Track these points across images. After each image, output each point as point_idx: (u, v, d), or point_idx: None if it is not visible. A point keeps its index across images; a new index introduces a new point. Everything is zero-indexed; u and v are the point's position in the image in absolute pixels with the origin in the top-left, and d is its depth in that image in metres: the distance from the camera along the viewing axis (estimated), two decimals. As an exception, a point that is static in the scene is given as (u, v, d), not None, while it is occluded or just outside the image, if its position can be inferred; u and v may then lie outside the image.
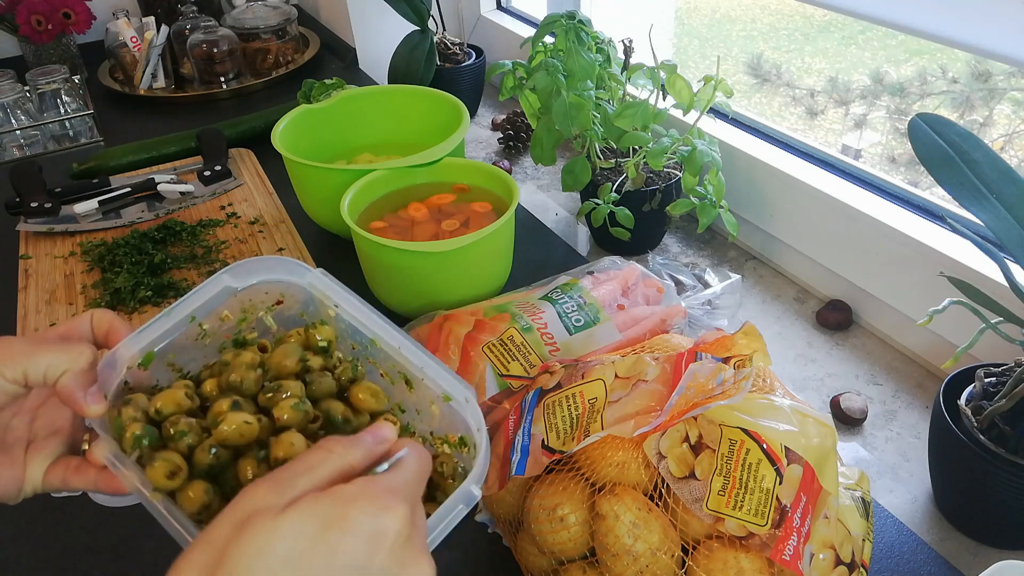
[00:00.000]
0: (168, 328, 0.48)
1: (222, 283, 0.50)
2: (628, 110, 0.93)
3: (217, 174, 1.17)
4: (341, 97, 1.10)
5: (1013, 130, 1.75)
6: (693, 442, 0.55)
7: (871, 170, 0.92)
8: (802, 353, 0.89)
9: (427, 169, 0.96)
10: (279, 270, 0.51)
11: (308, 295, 0.52)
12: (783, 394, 0.60)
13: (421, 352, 0.47)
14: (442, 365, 0.47)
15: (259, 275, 0.51)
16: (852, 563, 0.54)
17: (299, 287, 0.51)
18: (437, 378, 0.46)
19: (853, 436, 0.79)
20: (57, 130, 1.40)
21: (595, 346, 0.75)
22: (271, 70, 1.59)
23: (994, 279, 0.74)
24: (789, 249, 0.98)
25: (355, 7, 1.56)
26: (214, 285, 0.50)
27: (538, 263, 0.99)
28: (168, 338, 0.49)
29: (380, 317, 0.49)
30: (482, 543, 0.67)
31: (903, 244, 0.82)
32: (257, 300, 0.52)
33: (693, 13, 2.39)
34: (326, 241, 1.05)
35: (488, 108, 1.49)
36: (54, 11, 1.51)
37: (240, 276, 0.51)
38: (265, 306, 0.52)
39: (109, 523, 0.70)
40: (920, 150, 0.63)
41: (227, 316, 0.51)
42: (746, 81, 2.07)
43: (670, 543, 0.53)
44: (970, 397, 0.66)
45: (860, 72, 1.99)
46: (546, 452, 0.57)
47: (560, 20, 0.98)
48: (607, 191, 0.96)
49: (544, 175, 1.26)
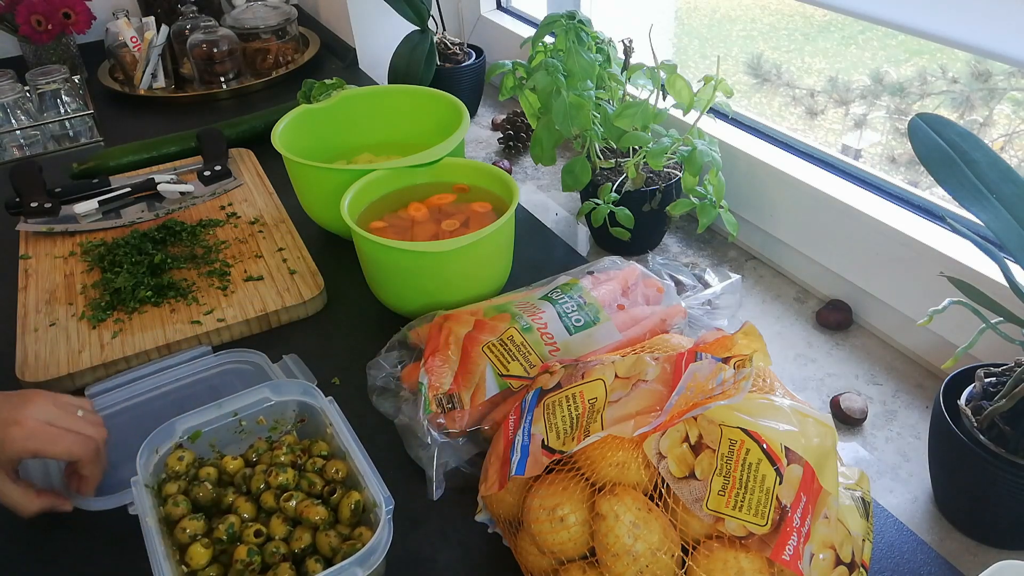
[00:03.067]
0: (215, 416, 0.68)
1: (263, 393, 0.70)
2: (628, 110, 0.93)
3: (217, 174, 1.17)
4: (341, 97, 1.10)
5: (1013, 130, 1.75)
6: (693, 442, 0.55)
7: (871, 170, 0.92)
8: (802, 353, 0.89)
9: (427, 169, 0.97)
10: (300, 393, 0.70)
11: (318, 412, 0.70)
12: (783, 394, 0.60)
13: (366, 462, 0.63)
14: (378, 478, 0.62)
15: (290, 395, 0.70)
16: (852, 563, 0.54)
17: (314, 407, 0.70)
18: (371, 486, 0.61)
19: (853, 436, 0.79)
20: (57, 130, 1.40)
21: (595, 346, 0.75)
22: (271, 70, 1.59)
23: (994, 279, 0.74)
24: (789, 249, 0.98)
25: (355, 7, 1.56)
26: (256, 393, 0.69)
27: (538, 263, 0.99)
28: (214, 424, 0.68)
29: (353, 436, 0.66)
30: (482, 543, 0.67)
31: (903, 244, 0.82)
32: (286, 413, 0.71)
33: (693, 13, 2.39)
34: (326, 241, 1.05)
35: (488, 108, 1.49)
36: (54, 11, 1.51)
37: (277, 391, 0.70)
38: (291, 422, 0.71)
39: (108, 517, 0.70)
40: (920, 150, 0.63)
41: (262, 420, 0.70)
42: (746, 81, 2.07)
43: (670, 543, 0.53)
44: (970, 397, 0.66)
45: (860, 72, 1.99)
46: (546, 452, 0.57)
47: (560, 20, 0.98)
48: (607, 191, 0.96)
49: (544, 175, 1.26)
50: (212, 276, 0.97)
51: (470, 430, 0.71)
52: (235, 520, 0.61)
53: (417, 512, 0.70)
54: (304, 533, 0.61)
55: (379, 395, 0.77)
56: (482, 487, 0.63)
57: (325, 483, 0.65)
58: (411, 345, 0.80)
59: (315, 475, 0.65)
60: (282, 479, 0.64)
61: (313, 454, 0.67)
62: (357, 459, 0.63)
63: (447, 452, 0.70)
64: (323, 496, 0.64)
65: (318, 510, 0.62)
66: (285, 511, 0.63)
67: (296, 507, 0.62)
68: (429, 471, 0.70)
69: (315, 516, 0.62)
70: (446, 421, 0.70)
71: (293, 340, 0.90)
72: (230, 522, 0.61)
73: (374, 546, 0.57)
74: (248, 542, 0.60)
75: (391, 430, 0.75)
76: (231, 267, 0.99)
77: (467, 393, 0.71)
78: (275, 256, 1.01)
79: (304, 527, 0.62)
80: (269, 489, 0.64)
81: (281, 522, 0.62)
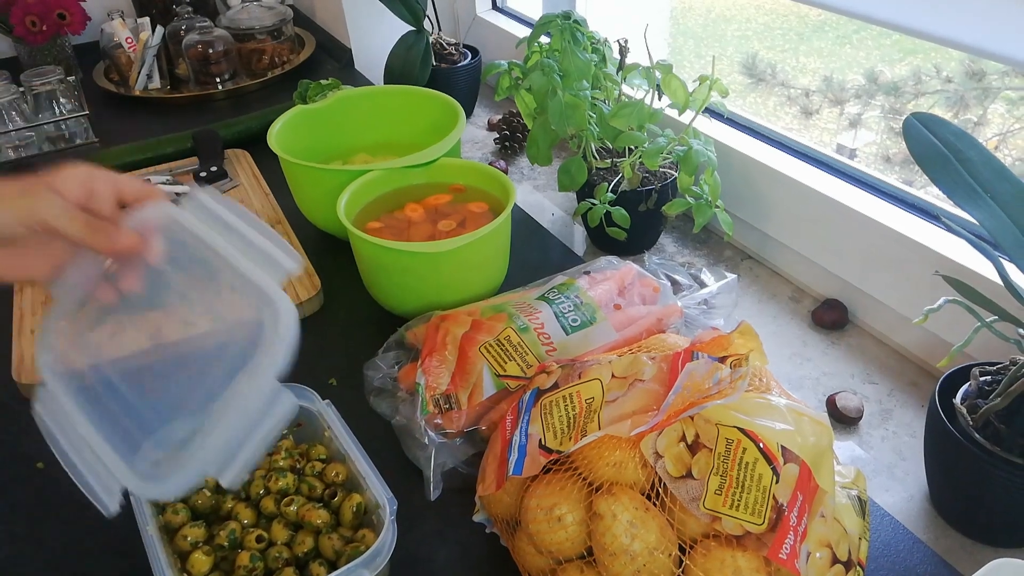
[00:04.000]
0: None
1: None
2: (624, 110, 0.93)
3: (213, 175, 1.17)
4: (337, 98, 1.10)
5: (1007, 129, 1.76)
6: (690, 441, 0.55)
7: (866, 169, 0.92)
8: (798, 352, 0.89)
9: (423, 169, 0.97)
10: (295, 397, 0.65)
11: (315, 416, 0.69)
12: (779, 393, 0.60)
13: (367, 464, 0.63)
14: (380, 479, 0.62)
15: None
16: (848, 561, 0.55)
17: (311, 411, 0.69)
18: (373, 488, 0.61)
19: (849, 435, 0.79)
20: (52, 131, 1.39)
21: (592, 346, 0.75)
22: (267, 71, 1.59)
23: (989, 278, 0.74)
24: (785, 248, 0.99)
25: (351, 8, 1.56)
26: None
27: (534, 263, 0.99)
28: None
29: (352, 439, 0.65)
30: (480, 543, 0.67)
31: (898, 243, 0.83)
32: None
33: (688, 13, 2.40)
34: (322, 242, 1.05)
35: (484, 108, 1.49)
36: (49, 12, 1.50)
37: None
38: (289, 428, 0.70)
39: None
40: (915, 149, 0.63)
41: None
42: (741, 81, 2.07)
43: (667, 542, 0.53)
44: (965, 395, 0.66)
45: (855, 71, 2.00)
46: (543, 452, 0.58)
47: (555, 20, 0.99)
48: (603, 191, 0.96)
49: (540, 175, 1.26)
50: (208, 277, 0.97)
51: (467, 430, 0.71)
52: (236, 526, 0.61)
53: (415, 512, 0.70)
54: (307, 537, 0.61)
55: (376, 396, 0.77)
56: (480, 487, 0.63)
57: (325, 486, 0.65)
58: (408, 346, 0.80)
59: (315, 479, 0.65)
60: (282, 484, 0.64)
61: (311, 458, 0.68)
62: (358, 461, 0.63)
63: (444, 452, 0.70)
64: (324, 499, 0.64)
65: (319, 513, 0.62)
66: (286, 516, 0.63)
67: (297, 511, 0.63)
68: (427, 471, 0.70)
69: (317, 520, 0.62)
70: (443, 421, 0.70)
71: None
72: (231, 528, 0.61)
73: (379, 547, 0.57)
74: (250, 548, 0.60)
75: (388, 431, 0.75)
76: (227, 268, 0.99)
77: (464, 393, 0.71)
78: (271, 257, 1.01)
79: (306, 531, 0.62)
80: (269, 494, 0.64)
81: (282, 527, 0.62)
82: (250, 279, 0.52)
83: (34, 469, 0.76)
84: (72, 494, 0.53)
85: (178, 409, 0.54)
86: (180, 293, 0.58)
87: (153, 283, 0.57)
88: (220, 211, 0.56)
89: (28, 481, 0.75)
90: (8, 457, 0.78)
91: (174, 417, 0.54)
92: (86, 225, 0.54)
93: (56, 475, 0.75)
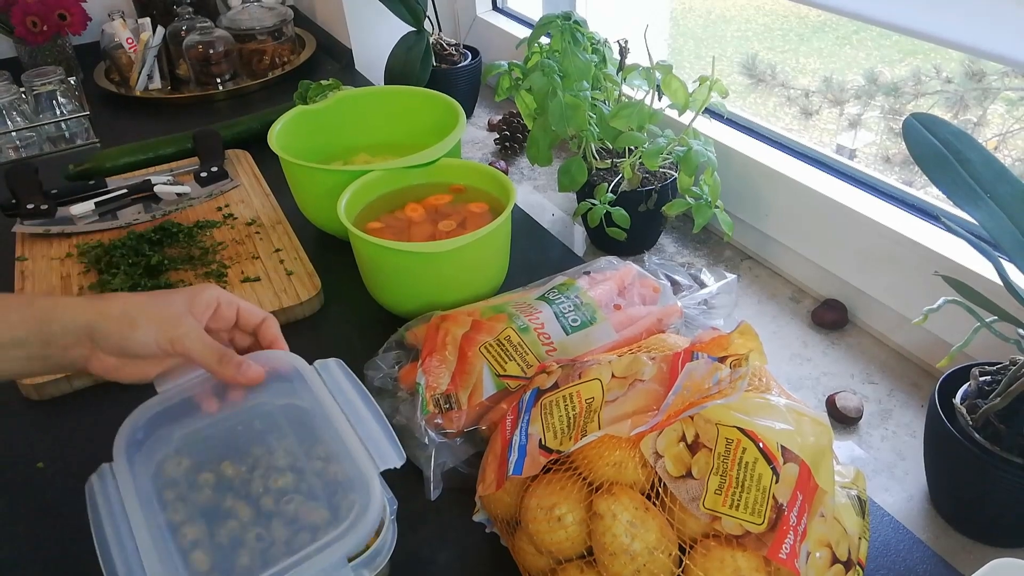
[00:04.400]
0: (212, 421, 0.64)
1: None
2: (624, 110, 0.93)
3: (213, 175, 1.17)
4: (337, 98, 1.10)
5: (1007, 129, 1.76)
6: (690, 441, 0.55)
7: (866, 170, 0.92)
8: (798, 352, 0.89)
9: (424, 170, 0.97)
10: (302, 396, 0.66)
11: None
12: (779, 393, 0.60)
13: None
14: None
15: (287, 398, 0.66)
16: (848, 561, 0.55)
17: None
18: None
19: (849, 435, 0.79)
20: (53, 131, 1.39)
21: (592, 346, 0.75)
22: (267, 71, 1.59)
23: (988, 278, 0.74)
24: (784, 249, 0.99)
25: (351, 8, 1.56)
26: None
27: (535, 263, 0.99)
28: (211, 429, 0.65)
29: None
30: (480, 543, 0.67)
31: (898, 243, 0.83)
32: None
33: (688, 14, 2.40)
34: (323, 242, 1.05)
35: (484, 109, 1.50)
36: (49, 12, 1.50)
37: None
38: None
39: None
40: (914, 150, 0.63)
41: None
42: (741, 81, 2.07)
43: (667, 542, 0.54)
44: (965, 395, 0.66)
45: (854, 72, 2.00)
46: (543, 452, 0.58)
47: (556, 21, 0.99)
48: (603, 191, 0.96)
49: (540, 175, 1.26)
50: (209, 277, 0.97)
51: (467, 430, 0.71)
52: (236, 525, 0.61)
53: (415, 512, 0.70)
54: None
55: (377, 396, 0.76)
56: (480, 487, 0.64)
57: (325, 485, 0.65)
58: (408, 346, 0.80)
59: (315, 477, 0.65)
60: (281, 483, 0.64)
61: (312, 457, 0.67)
62: None
63: (445, 452, 0.70)
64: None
65: (320, 513, 0.62)
66: (286, 514, 0.63)
67: (296, 510, 0.63)
68: (427, 471, 0.70)
69: (317, 519, 0.62)
70: (443, 421, 0.70)
71: (290, 341, 0.90)
72: (231, 527, 0.61)
73: (379, 547, 0.57)
74: (250, 546, 0.60)
75: (388, 431, 0.75)
76: (228, 268, 0.99)
77: (464, 393, 0.71)
78: (272, 257, 1.01)
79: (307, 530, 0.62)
80: (268, 493, 0.64)
81: (283, 525, 0.62)
82: (351, 453, 0.57)
83: (34, 469, 0.76)
84: (72, 494, 0.54)
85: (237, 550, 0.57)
86: (276, 437, 0.63)
87: (256, 416, 0.63)
88: (344, 383, 0.62)
89: (28, 481, 0.75)
90: (8, 457, 0.78)
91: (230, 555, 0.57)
92: (219, 360, 0.61)
93: (56, 475, 0.76)
